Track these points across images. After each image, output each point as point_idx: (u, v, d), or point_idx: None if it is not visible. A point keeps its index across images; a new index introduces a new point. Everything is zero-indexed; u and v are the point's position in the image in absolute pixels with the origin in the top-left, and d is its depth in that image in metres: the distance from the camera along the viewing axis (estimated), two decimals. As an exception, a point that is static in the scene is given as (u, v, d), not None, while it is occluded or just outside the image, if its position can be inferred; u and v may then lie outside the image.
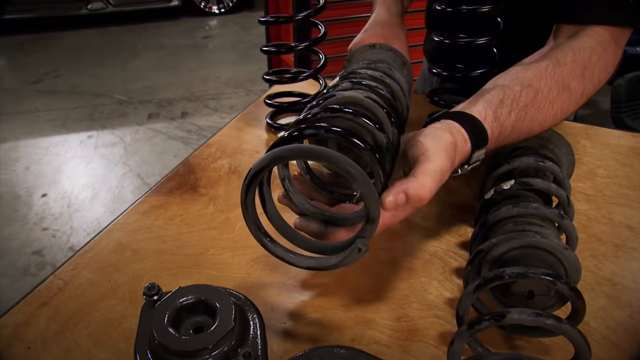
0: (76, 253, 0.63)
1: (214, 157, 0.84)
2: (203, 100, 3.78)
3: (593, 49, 0.63)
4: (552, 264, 0.43)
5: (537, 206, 0.48)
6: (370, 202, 0.41)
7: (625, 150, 0.85)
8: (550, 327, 0.38)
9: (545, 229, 0.46)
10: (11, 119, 3.63)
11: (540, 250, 0.43)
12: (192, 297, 0.47)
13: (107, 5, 5.73)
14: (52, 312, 0.55)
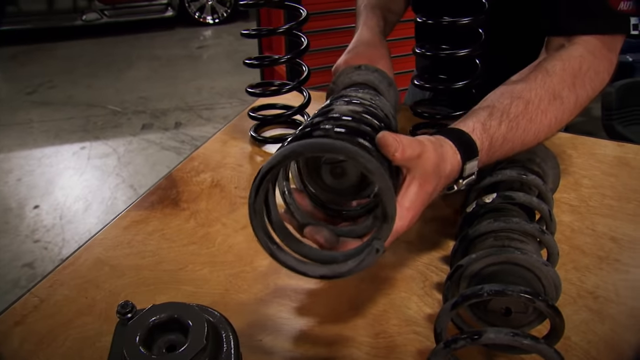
0: (54, 270, 0.63)
1: (197, 171, 0.84)
2: (197, 111, 3.78)
3: (583, 58, 0.63)
4: (531, 281, 0.42)
5: (518, 221, 0.47)
6: (387, 197, 0.39)
7: (611, 159, 0.85)
8: (527, 347, 0.38)
9: (525, 244, 0.46)
10: (5, 130, 3.62)
11: (518, 266, 0.43)
12: (165, 315, 0.46)
13: (101, 16, 5.75)
14: (26, 331, 0.54)
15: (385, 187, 0.39)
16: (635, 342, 0.52)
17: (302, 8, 0.83)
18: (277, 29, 0.81)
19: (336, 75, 0.67)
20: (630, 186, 0.77)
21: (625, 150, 0.89)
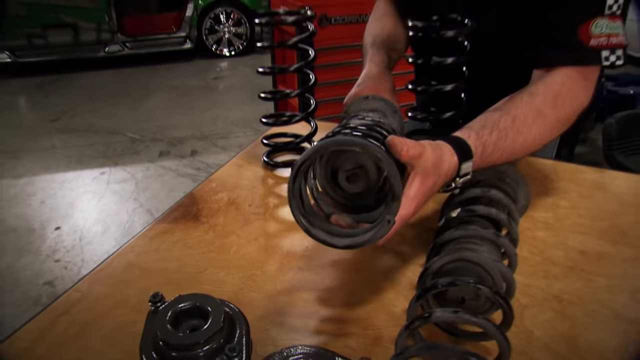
0: (92, 271, 0.73)
1: (215, 191, 0.94)
2: (212, 140, 3.93)
3: (563, 83, 0.74)
4: (480, 274, 0.51)
5: (475, 228, 0.57)
6: (394, 180, 0.51)
7: (589, 183, 0.94)
8: (467, 321, 0.47)
9: (480, 246, 0.55)
10: (29, 155, 3.79)
11: (470, 263, 0.52)
12: (189, 303, 0.56)
13: (123, 48, 6.01)
14: (70, 320, 0.64)
15: (392, 172, 0.51)
16: (591, 339, 0.60)
17: (311, 49, 0.94)
18: (288, 68, 0.93)
19: (347, 105, 0.78)
20: (603, 207, 0.86)
21: (603, 175, 0.98)
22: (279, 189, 0.95)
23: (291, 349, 0.56)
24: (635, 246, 0.75)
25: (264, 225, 0.83)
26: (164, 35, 6.13)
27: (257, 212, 0.87)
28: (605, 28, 0.73)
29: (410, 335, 0.49)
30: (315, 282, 0.69)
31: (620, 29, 0.75)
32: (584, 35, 0.73)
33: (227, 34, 6.28)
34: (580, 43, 0.73)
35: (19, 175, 3.48)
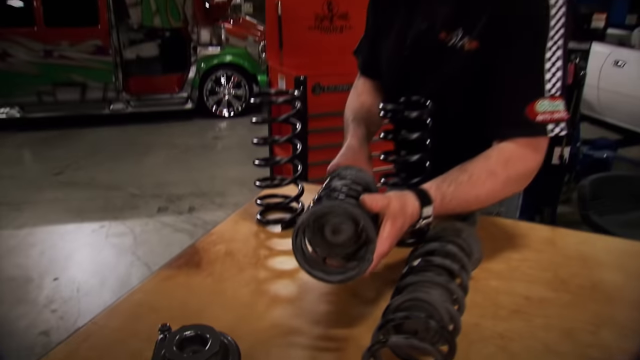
0: (107, 308, 0.85)
1: (214, 243, 1.08)
2: (210, 197, 4.08)
3: (514, 149, 0.91)
4: (430, 311, 0.64)
5: (431, 275, 0.70)
6: (368, 228, 0.70)
7: (541, 240, 1.08)
8: (417, 346, 0.60)
9: (433, 289, 0.68)
10: (32, 207, 3.92)
11: (422, 301, 0.65)
12: (192, 332, 0.68)
13: (127, 106, 6.29)
14: (90, 347, 0.76)
15: (365, 224, 0.70)
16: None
17: (299, 122, 1.12)
18: (279, 139, 1.11)
19: (329, 173, 0.94)
20: (550, 260, 0.99)
21: (555, 233, 1.13)
22: (269, 243, 1.08)
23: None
24: (572, 292, 0.88)
25: (255, 273, 0.96)
26: (167, 95, 6.43)
27: (250, 262, 1.00)
28: (548, 106, 0.90)
29: (371, 356, 0.62)
30: (298, 320, 0.82)
31: (562, 106, 0.91)
32: (530, 113, 0.90)
33: (227, 95, 6.57)
34: (528, 119, 0.90)
35: (20, 226, 3.59)
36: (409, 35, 1.06)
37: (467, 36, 0.95)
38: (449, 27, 0.98)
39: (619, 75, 4.09)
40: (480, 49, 0.94)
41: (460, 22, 0.96)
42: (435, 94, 0.98)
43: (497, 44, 0.92)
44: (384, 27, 1.13)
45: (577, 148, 3.24)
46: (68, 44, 5.80)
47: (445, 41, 0.98)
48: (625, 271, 0.96)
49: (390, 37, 1.11)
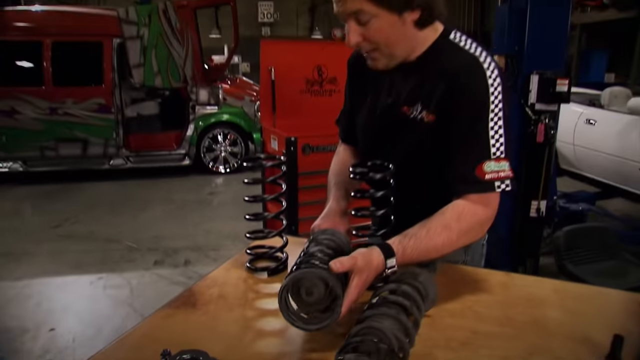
0: (115, 340, 0.99)
1: (209, 286, 1.22)
2: (205, 251, 4.20)
3: (465, 205, 1.09)
4: (380, 337, 0.79)
5: (385, 309, 0.85)
6: (336, 287, 0.88)
7: (496, 283, 1.22)
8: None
9: (385, 320, 0.83)
10: (31, 259, 4.02)
11: (374, 329, 0.79)
12: (189, 355, 0.83)
13: (127, 162, 6.51)
14: (100, 373, 0.89)
15: (334, 284, 0.88)
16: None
17: (284, 183, 1.29)
18: (268, 197, 1.28)
19: (312, 233, 1.14)
20: (501, 301, 1.13)
21: (508, 277, 1.27)
22: (256, 287, 1.22)
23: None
24: (516, 328, 1.02)
25: (244, 312, 1.10)
26: (165, 151, 6.67)
27: (239, 302, 1.14)
28: (494, 167, 1.08)
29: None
30: (279, 349, 0.96)
31: (506, 166, 1.09)
32: (480, 173, 1.08)
33: (223, 152, 6.83)
34: (478, 178, 1.08)
35: (19, 278, 3.67)
36: (378, 108, 1.26)
37: (425, 110, 1.15)
38: (409, 102, 1.17)
39: (591, 133, 4.36)
40: (436, 121, 1.14)
41: (419, 98, 1.16)
42: (402, 159, 1.17)
43: (450, 117, 1.11)
44: (357, 103, 1.34)
45: (554, 201, 3.42)
46: (73, 102, 6.09)
47: (407, 114, 1.18)
48: (566, 309, 1.10)
49: (362, 111, 1.31)
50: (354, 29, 1.09)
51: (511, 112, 3.03)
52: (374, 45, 1.12)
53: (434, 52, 1.16)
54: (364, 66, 1.22)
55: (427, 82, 1.15)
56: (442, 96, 1.11)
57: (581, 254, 2.68)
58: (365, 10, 1.05)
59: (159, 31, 6.02)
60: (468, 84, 1.10)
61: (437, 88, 1.12)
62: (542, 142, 2.97)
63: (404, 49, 1.14)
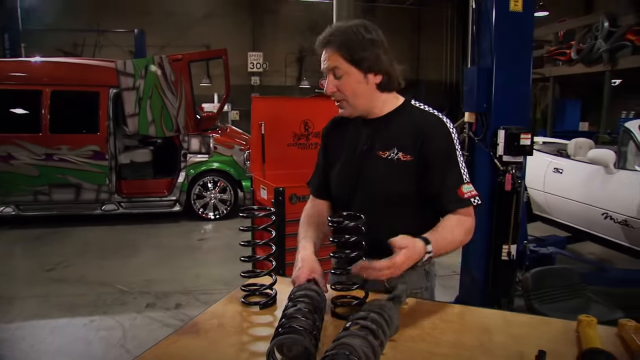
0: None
1: (209, 318, 1.42)
2: (195, 295, 4.33)
3: (458, 216, 1.43)
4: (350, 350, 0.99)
5: (356, 331, 1.06)
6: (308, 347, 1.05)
7: (453, 314, 1.43)
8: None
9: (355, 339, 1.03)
10: (23, 302, 4.12)
11: (345, 345, 1.00)
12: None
13: (118, 207, 6.66)
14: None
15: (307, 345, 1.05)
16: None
17: (273, 231, 1.52)
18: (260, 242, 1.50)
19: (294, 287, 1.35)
20: (456, 329, 1.34)
21: (464, 309, 1.48)
22: (250, 318, 1.42)
23: None
24: (466, 349, 1.21)
25: (240, 338, 1.30)
26: (157, 198, 6.85)
27: (235, 330, 1.34)
28: (467, 188, 1.46)
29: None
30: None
31: (472, 186, 1.47)
32: (460, 194, 1.45)
33: (213, 199, 7.03)
34: (460, 198, 1.45)
35: (11, 320, 3.75)
36: (355, 154, 1.55)
37: (402, 152, 1.47)
38: (384, 148, 1.49)
39: (559, 181, 4.68)
40: (414, 161, 1.46)
41: (394, 144, 1.48)
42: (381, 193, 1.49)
43: (429, 158, 1.45)
44: (334, 159, 1.62)
45: (525, 245, 3.67)
46: (68, 149, 6.30)
47: (382, 156, 1.49)
48: (509, 335, 1.31)
49: (338, 164, 1.60)
50: (331, 81, 1.45)
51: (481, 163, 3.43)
52: (343, 96, 1.46)
53: (402, 111, 1.52)
54: (337, 131, 1.58)
55: (401, 133, 1.48)
56: (420, 142, 1.46)
57: (548, 294, 2.91)
58: (340, 67, 1.42)
59: (154, 83, 6.35)
60: (440, 134, 1.47)
61: (414, 136, 1.47)
62: (510, 190, 3.24)
63: (364, 103, 1.48)
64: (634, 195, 3.77)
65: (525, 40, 3.30)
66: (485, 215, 3.40)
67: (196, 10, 16.25)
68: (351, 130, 1.58)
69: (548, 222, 5.01)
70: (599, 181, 4.16)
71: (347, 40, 1.41)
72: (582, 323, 1.27)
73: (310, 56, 17.00)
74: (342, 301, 1.43)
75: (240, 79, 15.42)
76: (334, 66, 1.42)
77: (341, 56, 1.41)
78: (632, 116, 10.77)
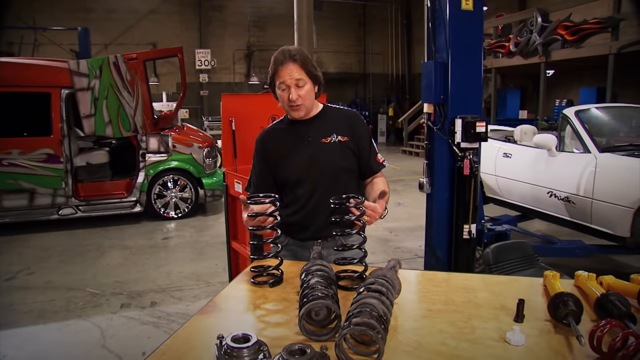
0: (171, 335, 1.29)
1: (225, 298, 1.55)
2: (169, 292, 4.37)
3: (382, 178, 2.02)
4: (372, 308, 1.17)
5: (370, 294, 1.24)
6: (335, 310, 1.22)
7: (440, 279, 1.64)
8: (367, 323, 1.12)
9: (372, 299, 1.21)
10: (-14, 314, 4.00)
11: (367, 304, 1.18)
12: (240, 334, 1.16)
13: (76, 211, 6.52)
14: None
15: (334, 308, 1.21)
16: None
17: (277, 216, 1.67)
18: (265, 228, 1.65)
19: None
20: (445, 290, 1.53)
21: (449, 275, 1.70)
22: (263, 295, 1.56)
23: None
24: (456, 305, 1.40)
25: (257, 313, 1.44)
26: (116, 199, 6.75)
27: (252, 306, 1.49)
28: (381, 157, 2.02)
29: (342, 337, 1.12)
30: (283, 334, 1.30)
31: (381, 155, 2.02)
32: (378, 160, 2.01)
33: (174, 198, 7.02)
34: (379, 162, 2.01)
35: (-23, 332, 3.66)
36: (304, 146, 1.93)
37: (340, 136, 1.93)
38: (325, 136, 1.93)
39: (508, 165, 5.06)
40: (349, 140, 1.94)
41: (332, 131, 1.93)
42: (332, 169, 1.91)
43: (358, 137, 1.96)
44: (279, 158, 1.95)
45: (482, 225, 3.98)
46: (19, 152, 6.09)
47: (325, 142, 1.92)
48: (490, 291, 1.53)
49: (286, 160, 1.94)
50: (296, 90, 1.83)
51: (441, 150, 3.71)
52: (302, 101, 1.85)
53: (327, 110, 2.00)
54: (275, 137, 1.99)
55: (335, 122, 1.96)
56: (348, 127, 1.96)
57: (506, 266, 3.20)
58: (303, 79, 1.83)
59: (110, 82, 6.25)
60: (360, 121, 2.02)
61: (343, 124, 1.96)
62: (468, 174, 3.52)
63: (311, 106, 1.92)
64: (574, 174, 4.17)
65: (477, 36, 3.59)
66: (446, 199, 3.67)
67: (140, 6, 15.89)
68: (287, 132, 1.97)
69: (499, 203, 5.39)
70: (543, 163, 4.55)
71: (306, 59, 1.85)
72: (548, 277, 1.51)
73: (258, 52, 17.01)
74: (344, 274, 1.61)
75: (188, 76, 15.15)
76: (300, 78, 1.82)
77: (305, 72, 1.83)
78: (564, 104, 11.58)
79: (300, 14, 8.22)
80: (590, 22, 8.50)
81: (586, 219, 4.09)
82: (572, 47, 8.89)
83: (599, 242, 4.27)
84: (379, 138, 17.82)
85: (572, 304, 1.27)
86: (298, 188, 1.94)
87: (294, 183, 1.94)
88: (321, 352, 1.05)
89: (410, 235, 6.00)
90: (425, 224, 3.96)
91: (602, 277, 1.48)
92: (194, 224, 6.76)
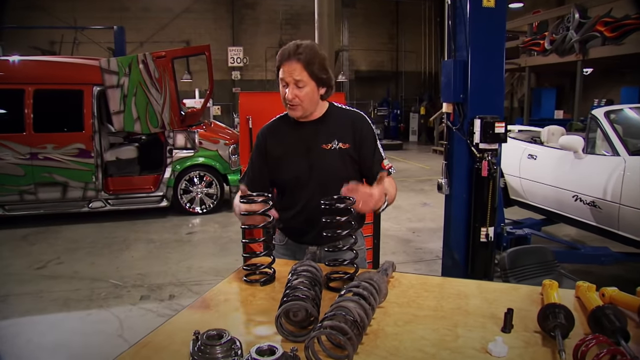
0: (151, 332, 1.31)
1: (218, 294, 1.56)
2: (188, 286, 4.46)
3: (389, 179, 1.69)
4: (347, 312, 1.15)
5: (349, 297, 1.22)
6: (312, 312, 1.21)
7: (434, 284, 1.60)
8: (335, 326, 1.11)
9: (350, 303, 1.20)
10: (16, 299, 4.20)
11: (342, 307, 1.16)
12: (215, 331, 1.17)
13: (106, 204, 6.72)
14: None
15: (311, 310, 1.20)
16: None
17: (272, 216, 1.67)
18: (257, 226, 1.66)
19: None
20: (436, 296, 1.50)
21: (444, 280, 1.67)
22: (252, 293, 1.57)
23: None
24: (445, 311, 1.37)
25: (245, 310, 1.46)
26: (143, 194, 6.92)
27: (241, 303, 1.49)
28: (387, 162, 1.89)
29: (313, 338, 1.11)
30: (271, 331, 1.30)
31: (388, 161, 1.90)
32: (383, 166, 1.86)
33: (199, 194, 7.13)
34: (384, 169, 1.83)
35: (5, 317, 3.83)
36: (304, 150, 1.86)
37: (341, 142, 1.85)
38: (326, 142, 1.85)
39: (533, 167, 4.90)
40: (351, 147, 1.85)
41: (334, 137, 1.84)
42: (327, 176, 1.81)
43: (360, 142, 1.87)
44: (277, 156, 1.89)
45: (502, 227, 3.88)
46: (53, 147, 6.33)
47: (326, 148, 1.84)
48: (483, 299, 1.49)
49: (284, 162, 1.89)
50: (293, 90, 1.76)
51: (459, 151, 3.65)
52: (299, 101, 1.77)
53: (332, 112, 1.90)
54: (275, 134, 1.93)
55: (337, 128, 1.87)
56: (353, 132, 1.87)
57: (523, 271, 3.10)
58: (303, 80, 1.75)
59: (139, 80, 6.40)
60: (365, 125, 1.90)
61: (347, 129, 1.87)
62: (487, 176, 3.43)
63: (312, 108, 1.83)
64: (601, 178, 4.01)
65: (498, 34, 3.49)
66: (464, 201, 3.60)
67: (175, 5, 16.20)
68: (289, 132, 1.90)
69: (524, 206, 5.24)
70: (569, 166, 4.39)
71: (312, 59, 1.75)
72: (545, 286, 1.45)
73: (290, 50, 17.05)
74: (335, 276, 1.60)
75: (220, 73, 15.45)
76: (299, 79, 1.74)
77: (308, 73, 1.75)
78: (603, 103, 11.15)
79: (321, 11, 8.20)
80: (633, 17, 8.13)
81: (613, 225, 3.92)
82: (612, 44, 8.54)
83: (627, 249, 4.10)
84: (411, 137, 17.63)
85: (562, 316, 1.23)
86: (296, 193, 1.90)
87: (293, 187, 1.91)
88: (291, 353, 1.04)
89: (433, 236, 5.90)
90: (443, 225, 3.90)
91: (604, 289, 1.42)
92: (219, 220, 6.85)
